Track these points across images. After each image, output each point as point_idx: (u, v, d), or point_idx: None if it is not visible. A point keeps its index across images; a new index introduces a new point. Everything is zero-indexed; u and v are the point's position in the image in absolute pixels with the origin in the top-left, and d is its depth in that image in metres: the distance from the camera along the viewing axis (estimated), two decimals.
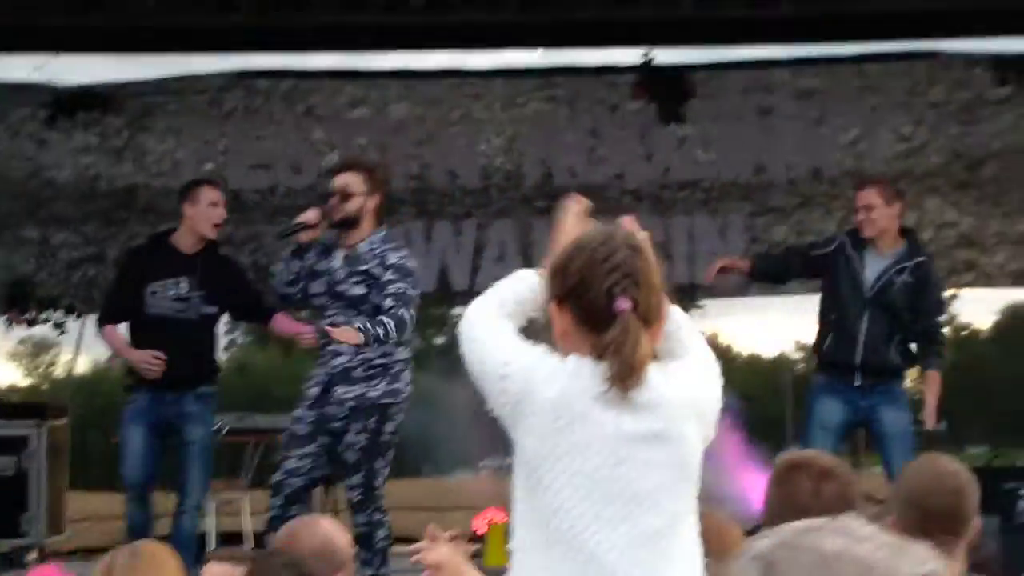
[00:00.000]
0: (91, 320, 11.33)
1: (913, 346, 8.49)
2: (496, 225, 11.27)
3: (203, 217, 8.20)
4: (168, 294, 8.16)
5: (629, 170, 11.27)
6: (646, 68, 11.13)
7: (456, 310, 12.88)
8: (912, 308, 8.35)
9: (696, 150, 11.29)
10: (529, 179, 11.22)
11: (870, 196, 8.38)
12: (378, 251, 7.52)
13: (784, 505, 3.73)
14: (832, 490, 3.75)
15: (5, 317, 11.20)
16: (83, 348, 12.14)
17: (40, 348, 52.13)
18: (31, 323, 11.27)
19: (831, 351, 8.42)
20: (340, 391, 7.41)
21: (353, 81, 11.37)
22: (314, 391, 7.48)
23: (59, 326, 11.27)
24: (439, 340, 45.95)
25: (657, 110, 11.17)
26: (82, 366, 37.56)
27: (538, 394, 3.05)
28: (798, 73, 11.31)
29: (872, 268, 8.36)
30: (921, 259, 8.45)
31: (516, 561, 3.08)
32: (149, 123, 11.09)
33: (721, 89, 11.28)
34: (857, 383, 8.29)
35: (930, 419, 8.36)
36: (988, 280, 11.62)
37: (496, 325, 3.25)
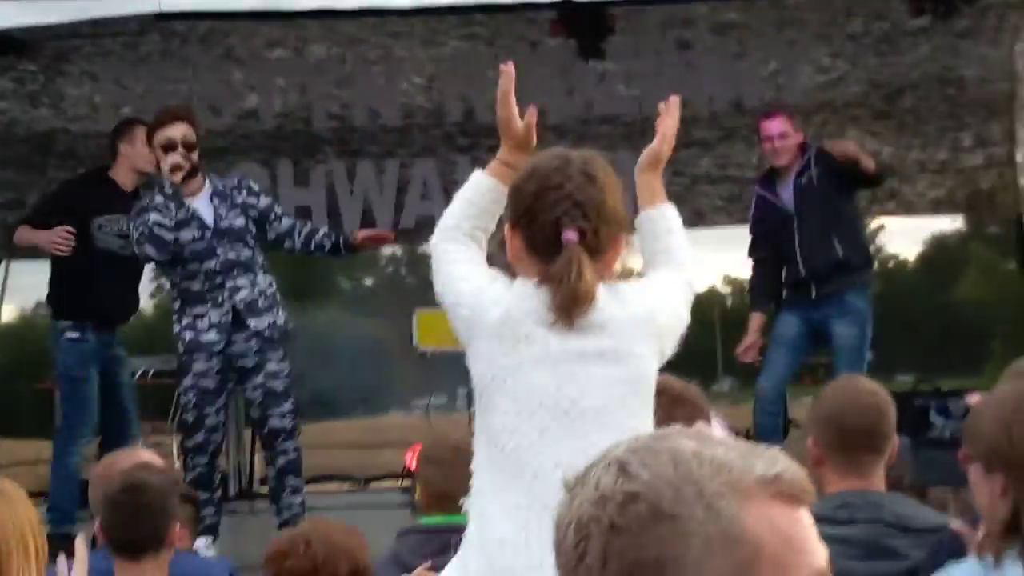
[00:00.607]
0: (14, 267, 11.27)
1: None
2: (418, 164, 11.25)
3: (141, 155, 8.08)
4: (114, 229, 8.09)
5: (551, 106, 11.22)
6: (565, 5, 11.11)
7: (386, 249, 12.88)
8: (835, 186, 8.51)
9: (617, 85, 11.31)
10: (451, 117, 11.21)
11: (783, 124, 8.66)
12: (234, 185, 7.74)
13: None
14: (684, 414, 3.79)
15: None
16: (7, 295, 12.00)
17: None
18: None
19: (786, 278, 8.66)
20: (253, 324, 7.42)
21: (271, 22, 11.29)
22: (213, 336, 7.40)
23: None
24: (368, 281, 45.92)
25: (577, 46, 11.16)
26: (7, 314, 37.30)
27: (485, 317, 3.11)
28: (717, 7, 11.33)
29: (785, 190, 8.62)
30: (815, 149, 8.69)
31: (474, 486, 3.13)
32: (65, 68, 10.96)
33: (641, 24, 11.28)
34: (812, 295, 8.47)
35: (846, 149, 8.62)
36: (909, 208, 11.74)
37: (449, 253, 3.28)
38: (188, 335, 7.41)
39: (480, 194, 3.38)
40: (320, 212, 11.15)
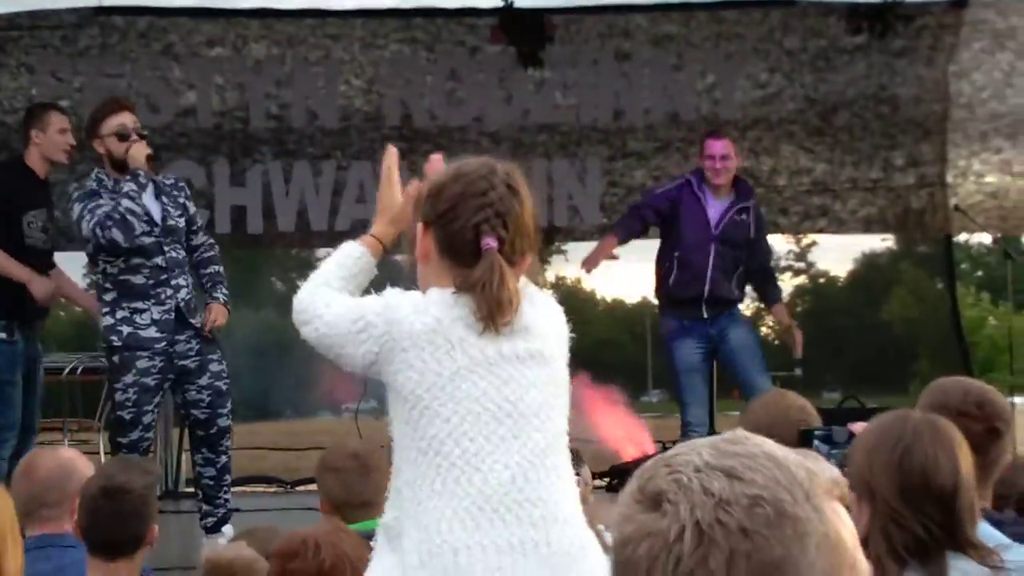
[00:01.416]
0: None
1: (748, 288, 9.10)
2: (355, 166, 11.25)
3: (53, 144, 7.88)
4: (38, 223, 7.89)
5: (488, 113, 11.31)
6: (506, 11, 11.14)
7: (317, 252, 12.85)
8: (749, 246, 8.86)
9: (555, 93, 11.37)
10: (388, 120, 11.22)
11: (728, 147, 8.81)
12: (173, 184, 7.67)
13: None
14: None
15: None
16: None
17: None
18: None
19: (678, 287, 8.80)
20: (195, 323, 7.39)
21: (212, 20, 11.24)
22: (155, 334, 7.29)
23: None
24: (301, 283, 45.85)
25: (516, 54, 11.20)
26: None
27: (408, 328, 3.09)
28: (656, 19, 11.39)
29: (714, 208, 8.77)
30: (755, 202, 9.03)
31: (407, 498, 3.07)
32: (2, 59, 10.85)
33: (580, 34, 11.33)
34: (705, 315, 8.71)
35: (797, 342, 8.98)
36: (841, 226, 11.85)
37: (328, 297, 3.28)
38: (126, 330, 7.27)
39: (352, 260, 3.41)
40: (255, 212, 11.12)
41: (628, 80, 11.36)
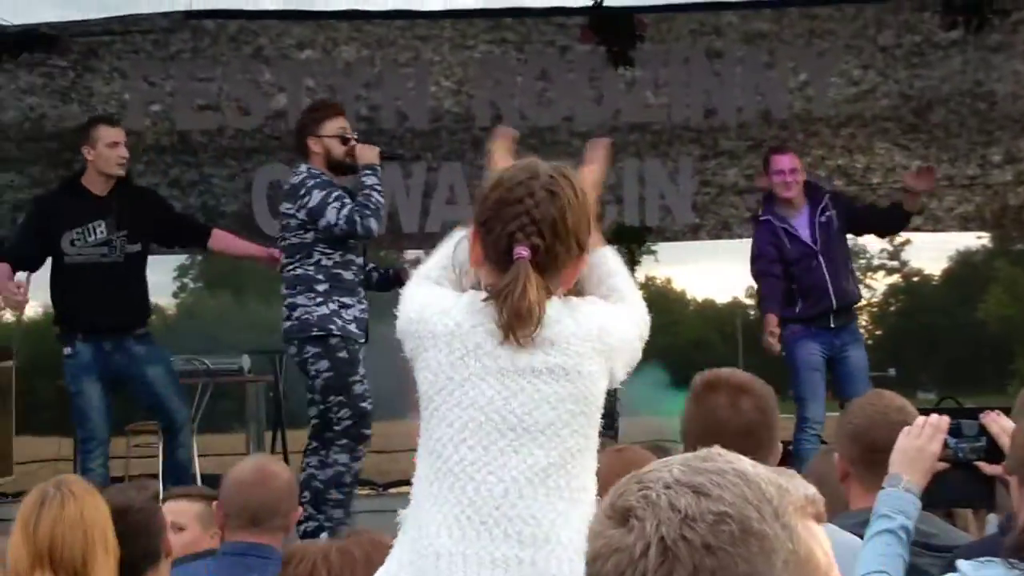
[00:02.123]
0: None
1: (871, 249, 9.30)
2: (445, 167, 11.25)
3: (104, 159, 7.98)
4: (89, 240, 7.95)
5: (578, 113, 11.26)
6: (596, 10, 11.09)
7: (407, 253, 12.86)
8: (852, 227, 9.10)
9: (646, 93, 11.30)
10: (479, 121, 11.19)
11: (794, 160, 8.94)
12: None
13: (703, 422, 3.74)
14: (749, 404, 3.75)
15: None
16: (31, 292, 12.01)
17: None
18: None
19: (806, 311, 8.83)
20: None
21: (301, 23, 11.28)
22: (355, 330, 7.41)
23: None
24: None
25: (606, 53, 11.15)
26: (29, 310, 37.38)
27: (433, 327, 3.07)
28: (747, 16, 11.30)
29: (801, 226, 8.84)
30: (827, 192, 9.15)
31: (413, 495, 3.08)
32: (95, 64, 10.97)
33: (670, 32, 11.26)
34: (832, 325, 8.81)
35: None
36: (937, 223, 11.71)
37: (415, 291, 3.26)
38: (339, 322, 7.37)
39: (451, 247, 3.40)
40: None
41: (720, 78, 11.28)
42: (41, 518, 3.54)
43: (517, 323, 2.99)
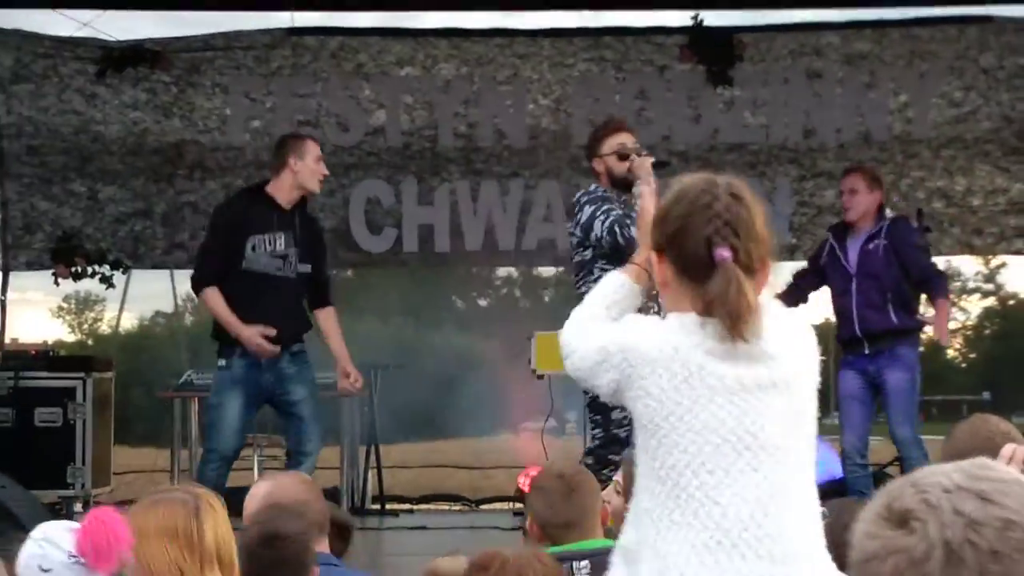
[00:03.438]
0: (136, 275, 11.41)
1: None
2: (543, 185, 11.26)
3: (309, 172, 7.91)
4: (267, 249, 7.86)
5: (677, 132, 11.24)
6: (695, 30, 11.08)
7: (501, 270, 12.90)
8: (899, 264, 8.74)
9: (744, 113, 11.26)
10: (576, 140, 11.16)
11: (855, 181, 8.88)
12: None
13: None
14: None
15: (52, 271, 11.22)
16: (128, 303, 12.18)
17: (86, 303, 52.58)
18: (77, 277, 11.29)
19: (839, 332, 8.93)
20: None
21: (401, 40, 11.35)
22: None
23: (106, 281, 11.26)
24: (482, 301, 46.02)
25: (705, 72, 11.13)
26: (127, 322, 37.88)
27: (646, 354, 3.02)
28: (848, 37, 11.24)
29: (852, 248, 8.82)
30: (889, 220, 8.90)
31: (647, 525, 3.00)
32: (197, 80, 11.12)
33: (770, 52, 11.22)
34: (867, 351, 8.72)
35: (940, 334, 8.73)
36: None
37: (584, 327, 3.27)
38: None
39: (613, 288, 3.43)
40: (443, 231, 11.19)
41: (819, 99, 11.22)
42: (203, 523, 3.50)
43: (742, 325, 2.95)
